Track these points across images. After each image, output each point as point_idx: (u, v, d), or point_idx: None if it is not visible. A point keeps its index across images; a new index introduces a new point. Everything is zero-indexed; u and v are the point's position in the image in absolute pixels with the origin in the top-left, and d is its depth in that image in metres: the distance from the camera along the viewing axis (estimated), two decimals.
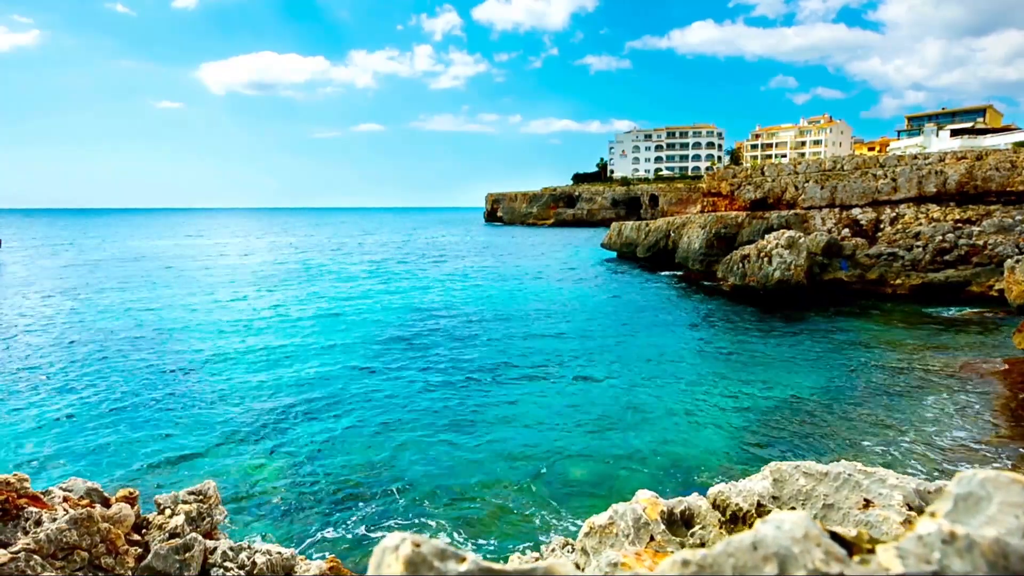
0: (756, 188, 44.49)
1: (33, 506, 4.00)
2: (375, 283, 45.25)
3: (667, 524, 2.34)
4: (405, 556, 0.52)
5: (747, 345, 24.50)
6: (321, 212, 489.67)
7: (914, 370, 20.36)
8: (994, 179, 34.58)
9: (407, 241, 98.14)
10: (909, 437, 14.65)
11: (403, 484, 12.62)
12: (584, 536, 2.42)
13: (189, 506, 5.34)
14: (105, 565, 3.88)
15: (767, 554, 0.54)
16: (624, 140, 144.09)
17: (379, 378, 20.16)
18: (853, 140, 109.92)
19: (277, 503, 11.79)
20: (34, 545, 3.54)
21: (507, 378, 20.26)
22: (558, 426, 15.88)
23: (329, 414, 16.81)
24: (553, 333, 27.06)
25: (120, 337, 25.89)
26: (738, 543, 0.56)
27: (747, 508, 2.27)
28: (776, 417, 16.33)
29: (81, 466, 13.19)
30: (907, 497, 1.97)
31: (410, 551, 0.52)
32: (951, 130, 63.02)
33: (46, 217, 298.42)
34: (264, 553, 5.09)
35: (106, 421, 16.09)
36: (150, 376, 20.17)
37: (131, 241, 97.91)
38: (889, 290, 34.91)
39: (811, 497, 2.16)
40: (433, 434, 15.35)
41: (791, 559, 0.54)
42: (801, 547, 0.54)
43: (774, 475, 2.36)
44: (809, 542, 0.55)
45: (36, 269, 54.50)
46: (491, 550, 10.21)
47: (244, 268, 55.65)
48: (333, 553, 8.23)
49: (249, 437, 15.06)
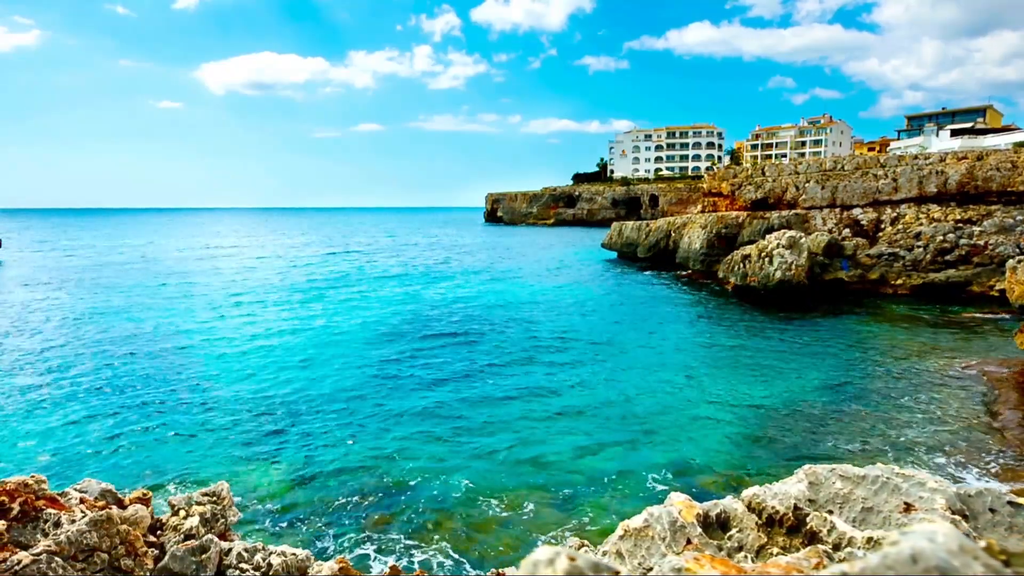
0: (757, 188, 44.50)
1: (51, 508, 3.98)
2: (374, 284, 45.22)
3: (703, 527, 2.33)
4: (564, 570, 0.51)
5: (748, 345, 24.50)
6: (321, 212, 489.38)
7: (915, 370, 20.37)
8: (995, 179, 34.61)
9: (407, 240, 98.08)
10: (911, 438, 14.66)
11: (408, 488, 12.61)
12: (618, 539, 2.41)
13: (203, 507, 5.32)
14: (124, 567, 3.87)
15: (928, 567, 0.53)
16: (624, 140, 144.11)
17: (384, 381, 20.14)
18: (853, 140, 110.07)
19: (282, 507, 11.77)
20: (55, 547, 3.53)
21: (510, 380, 20.25)
22: (560, 428, 15.87)
23: (331, 416, 16.79)
24: (554, 334, 27.05)
25: (125, 340, 25.84)
26: (896, 556, 0.55)
27: (783, 511, 2.25)
28: (777, 417, 16.33)
29: (90, 468, 13.16)
30: (949, 501, 1.96)
31: (567, 565, 0.51)
32: (951, 130, 63.10)
33: (46, 217, 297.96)
34: (279, 554, 5.07)
35: (112, 424, 16.06)
36: (155, 379, 20.13)
37: (132, 241, 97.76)
38: (890, 290, 34.94)
39: (849, 500, 2.15)
40: (437, 437, 15.34)
41: (952, 573, 0.53)
42: (960, 560, 0.54)
43: (809, 478, 2.35)
44: (966, 555, 0.54)
45: (37, 269, 54.39)
46: (498, 554, 10.20)
47: (249, 270, 55.59)
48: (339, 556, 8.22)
49: (255, 441, 15.03)
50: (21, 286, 42.15)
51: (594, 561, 0.54)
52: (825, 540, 1.96)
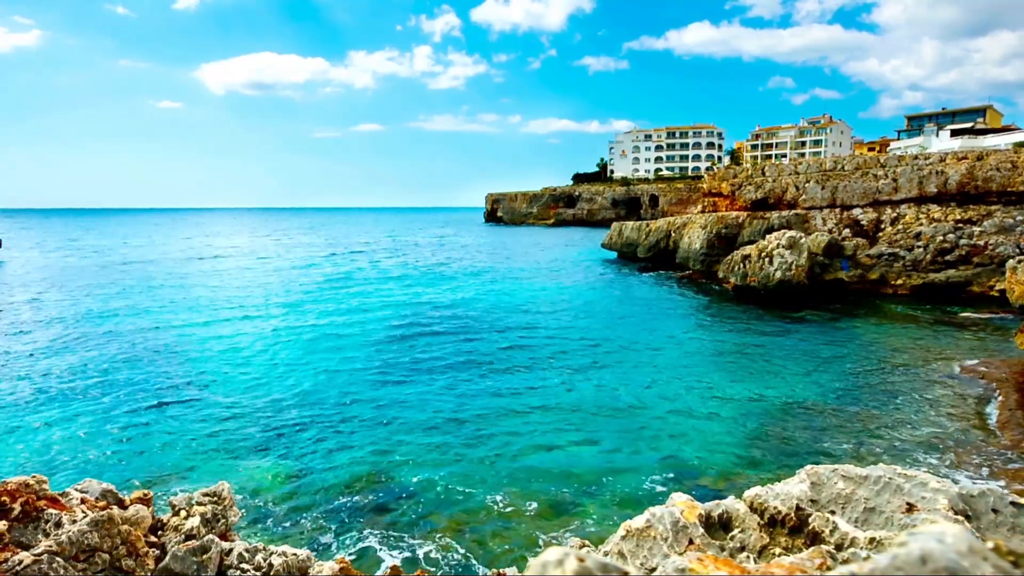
0: (757, 188, 44.51)
1: (52, 508, 3.98)
2: (375, 284, 45.23)
3: (705, 527, 2.33)
4: (573, 570, 0.51)
5: (748, 345, 24.51)
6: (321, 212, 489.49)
7: (915, 371, 20.37)
8: (995, 179, 34.61)
9: (407, 241, 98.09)
10: (911, 438, 14.66)
11: (409, 488, 12.61)
12: (620, 539, 2.41)
13: (204, 508, 5.32)
14: (126, 567, 3.87)
15: (937, 568, 0.53)
16: (624, 140, 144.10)
17: (384, 383, 20.14)
18: (853, 140, 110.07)
19: (283, 508, 11.77)
20: (56, 547, 3.53)
21: (510, 380, 20.25)
22: (560, 428, 15.87)
23: (332, 416, 16.79)
24: (555, 335, 27.06)
25: (126, 340, 25.84)
26: (905, 556, 0.55)
27: (786, 511, 2.25)
28: (777, 417, 16.33)
29: (90, 469, 13.16)
30: (951, 501, 1.96)
31: (577, 566, 0.51)
32: (951, 130, 63.11)
33: (46, 217, 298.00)
34: (280, 555, 5.07)
35: (112, 424, 16.06)
36: (156, 379, 20.13)
37: (132, 241, 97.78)
38: (890, 290, 34.94)
39: (851, 501, 2.15)
40: (438, 437, 15.34)
41: (962, 574, 0.53)
42: (970, 561, 0.54)
43: (811, 478, 2.35)
44: (976, 556, 0.54)
45: (37, 269, 54.39)
46: (499, 553, 10.20)
47: (249, 270, 55.60)
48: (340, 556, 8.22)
49: (256, 441, 15.03)
50: (21, 286, 42.15)
51: (603, 562, 0.54)
52: (827, 540, 1.96)
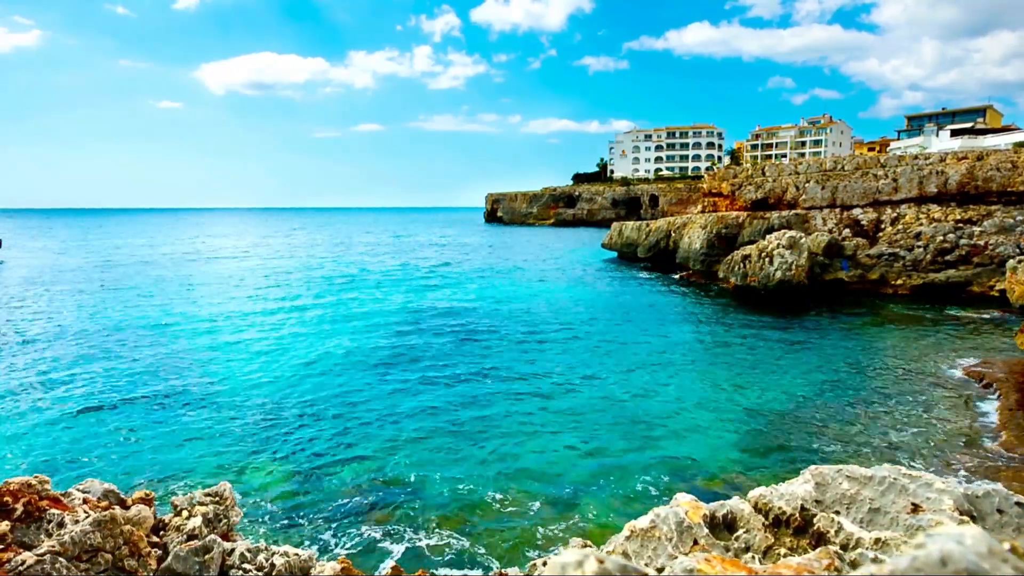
0: (757, 188, 44.51)
1: (54, 508, 3.98)
2: (377, 284, 45.23)
3: (710, 528, 2.33)
4: (593, 571, 0.51)
5: (748, 345, 24.51)
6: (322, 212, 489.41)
7: (915, 371, 20.38)
8: (995, 179, 34.62)
9: (408, 241, 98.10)
10: (911, 439, 14.66)
11: (410, 488, 12.61)
12: (625, 539, 2.40)
13: (206, 508, 5.31)
14: (128, 567, 3.86)
15: (957, 569, 0.53)
16: (624, 140, 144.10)
17: (386, 382, 20.14)
18: (853, 140, 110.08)
19: (285, 507, 11.77)
20: (59, 547, 3.53)
21: (510, 380, 20.25)
22: (561, 428, 15.87)
23: (333, 416, 16.79)
24: (555, 335, 27.05)
25: (126, 340, 25.84)
26: (925, 558, 0.55)
27: (790, 512, 2.25)
28: (778, 418, 16.34)
29: (92, 469, 13.15)
30: (957, 502, 1.96)
31: (596, 567, 0.51)
32: (951, 130, 63.13)
33: (46, 217, 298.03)
34: (282, 554, 5.07)
35: (114, 424, 16.05)
36: (157, 379, 20.13)
37: (132, 241, 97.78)
38: (890, 290, 34.95)
39: (856, 501, 2.15)
40: (439, 437, 15.34)
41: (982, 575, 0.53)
42: (990, 563, 0.53)
43: (816, 479, 2.35)
44: (995, 557, 0.54)
45: (37, 269, 54.38)
46: (500, 553, 10.20)
47: (250, 271, 55.60)
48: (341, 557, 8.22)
49: (257, 441, 15.03)
50: (21, 285, 42.15)
51: (622, 563, 0.54)
52: (832, 541, 1.96)
